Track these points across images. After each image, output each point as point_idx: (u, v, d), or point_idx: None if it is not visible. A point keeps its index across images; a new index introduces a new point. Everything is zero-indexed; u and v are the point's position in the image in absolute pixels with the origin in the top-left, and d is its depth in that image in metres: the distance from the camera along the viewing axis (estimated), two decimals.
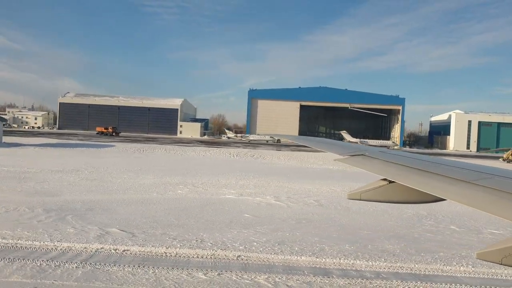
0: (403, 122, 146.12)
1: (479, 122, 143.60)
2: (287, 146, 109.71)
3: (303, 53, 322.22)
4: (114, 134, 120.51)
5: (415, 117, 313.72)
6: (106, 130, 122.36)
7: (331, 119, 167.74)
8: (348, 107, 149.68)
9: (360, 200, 6.02)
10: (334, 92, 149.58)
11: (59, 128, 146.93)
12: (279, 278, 11.89)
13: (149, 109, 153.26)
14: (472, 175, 4.85)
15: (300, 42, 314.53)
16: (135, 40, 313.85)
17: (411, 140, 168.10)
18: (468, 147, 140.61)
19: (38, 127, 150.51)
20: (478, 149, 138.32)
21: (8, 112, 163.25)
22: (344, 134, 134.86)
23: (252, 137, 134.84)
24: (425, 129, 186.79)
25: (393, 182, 5.51)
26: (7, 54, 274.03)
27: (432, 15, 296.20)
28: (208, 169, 42.91)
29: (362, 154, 7.17)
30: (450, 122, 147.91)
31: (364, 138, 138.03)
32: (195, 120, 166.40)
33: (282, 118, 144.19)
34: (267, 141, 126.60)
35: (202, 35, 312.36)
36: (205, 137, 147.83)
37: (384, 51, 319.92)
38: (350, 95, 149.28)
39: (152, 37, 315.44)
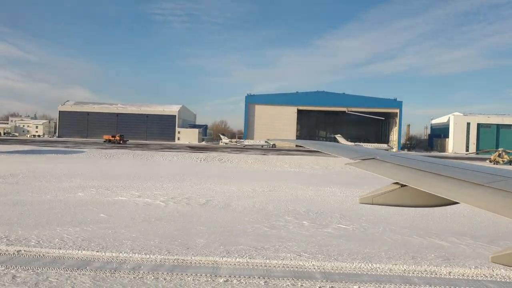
0: (400, 125, 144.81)
1: (478, 124, 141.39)
2: (278, 150, 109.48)
3: (313, 59, 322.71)
4: (121, 142, 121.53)
5: (423, 121, 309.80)
6: (113, 138, 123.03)
7: (331, 123, 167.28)
8: (345, 111, 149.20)
9: (372, 204, 5.88)
10: (332, 96, 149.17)
11: (59, 136, 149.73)
12: (45, 271, 12.30)
13: (147, 116, 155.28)
14: (485, 178, 4.81)
15: (310, 48, 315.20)
16: (146, 48, 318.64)
17: (411, 143, 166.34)
18: (467, 150, 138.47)
19: (39, 136, 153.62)
20: (478, 151, 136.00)
21: (11, 121, 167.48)
22: (339, 138, 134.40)
23: (247, 142, 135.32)
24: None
25: (405, 185, 5.47)
26: (11, 62, 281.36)
27: (442, 18, 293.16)
28: (150, 174, 43.33)
29: (373, 158, 7.10)
30: (449, 125, 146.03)
31: (364, 142, 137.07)
32: (194, 126, 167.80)
33: (280, 123, 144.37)
34: (262, 146, 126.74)
35: (212, 43, 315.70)
36: (203, 142, 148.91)
37: (395, 54, 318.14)
38: (348, 99, 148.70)
39: (162, 45, 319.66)
